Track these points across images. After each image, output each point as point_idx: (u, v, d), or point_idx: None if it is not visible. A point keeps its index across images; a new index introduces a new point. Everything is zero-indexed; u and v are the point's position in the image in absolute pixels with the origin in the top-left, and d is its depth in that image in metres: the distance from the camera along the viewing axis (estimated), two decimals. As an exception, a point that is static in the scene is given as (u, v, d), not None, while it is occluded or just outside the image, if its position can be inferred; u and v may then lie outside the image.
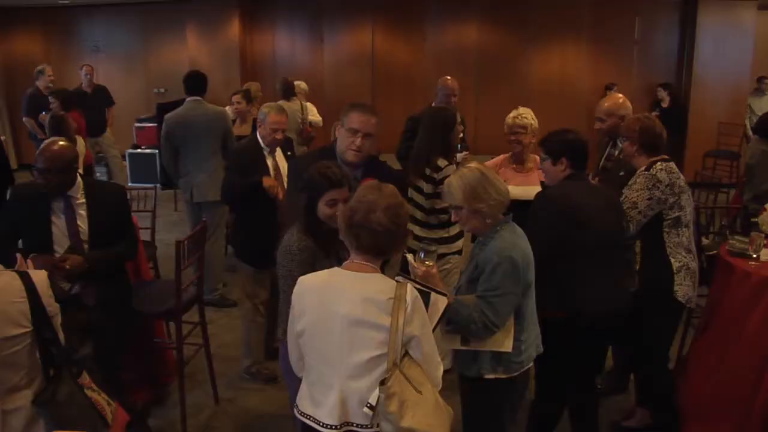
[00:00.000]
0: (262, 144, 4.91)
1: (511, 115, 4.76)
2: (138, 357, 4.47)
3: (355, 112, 3.71)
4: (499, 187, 3.04)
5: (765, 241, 4.29)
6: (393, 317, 2.40)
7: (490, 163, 4.77)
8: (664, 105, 11.61)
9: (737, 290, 4.09)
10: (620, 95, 4.76)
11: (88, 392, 2.84)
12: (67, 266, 3.59)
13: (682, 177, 3.98)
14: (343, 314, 2.45)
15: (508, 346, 3.04)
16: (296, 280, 2.64)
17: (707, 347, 4.34)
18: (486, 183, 3.01)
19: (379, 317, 2.42)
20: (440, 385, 2.60)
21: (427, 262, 3.03)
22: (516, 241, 3.04)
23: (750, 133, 10.26)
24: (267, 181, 4.65)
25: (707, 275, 4.54)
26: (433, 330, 2.70)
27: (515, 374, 3.12)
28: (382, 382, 2.40)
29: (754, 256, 4.21)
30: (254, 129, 6.06)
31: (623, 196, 3.87)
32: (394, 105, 10.32)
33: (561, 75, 11.94)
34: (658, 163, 3.92)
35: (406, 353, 2.47)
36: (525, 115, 4.74)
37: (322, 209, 3.05)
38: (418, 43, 11.99)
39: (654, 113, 11.37)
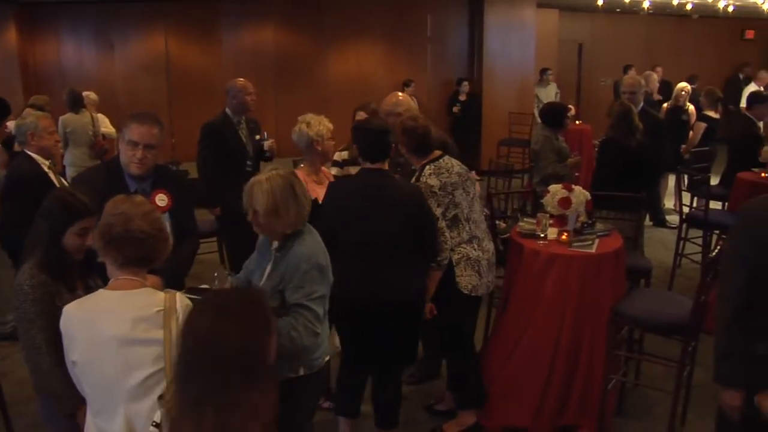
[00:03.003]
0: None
1: (314, 121, 4.41)
2: None
3: (135, 123, 3.50)
4: (303, 206, 2.95)
5: (551, 221, 4.55)
6: (165, 329, 2.30)
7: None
8: (462, 98, 12.16)
9: (529, 269, 4.31)
10: (399, 93, 4.89)
11: None
12: None
13: (455, 169, 4.04)
14: (112, 336, 2.30)
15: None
16: (33, 322, 2.49)
17: (507, 326, 4.55)
18: (291, 199, 2.90)
19: (150, 332, 2.30)
20: None
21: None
22: (319, 244, 3.01)
23: (538, 120, 10.91)
24: None
25: (504, 257, 4.74)
26: None
27: (316, 370, 3.10)
28: (161, 397, 2.26)
29: (542, 235, 4.46)
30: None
31: None
32: (192, 111, 10.00)
33: (359, 74, 12.14)
34: (427, 167, 3.98)
35: None
36: (326, 121, 4.49)
37: (71, 240, 2.76)
38: (215, 46, 11.72)
39: (455, 107, 11.90)
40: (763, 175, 6.75)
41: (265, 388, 1.73)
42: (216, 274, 2.90)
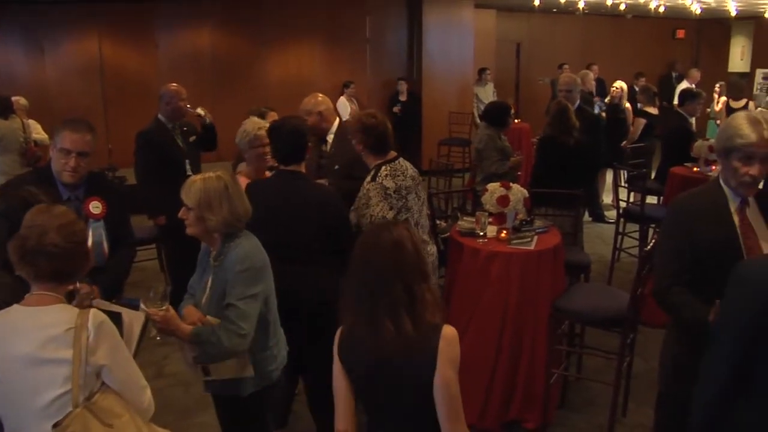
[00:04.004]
0: None
1: (253, 127, 4.31)
2: None
3: (67, 131, 3.42)
4: (236, 207, 2.90)
5: (490, 219, 4.58)
6: (74, 348, 2.21)
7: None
8: (403, 98, 12.20)
9: (470, 267, 4.33)
10: (318, 94, 4.86)
11: None
12: None
13: (409, 172, 4.03)
14: (20, 355, 2.22)
15: (250, 370, 2.97)
16: None
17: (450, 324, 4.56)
18: (224, 198, 2.86)
19: (59, 351, 2.22)
20: (151, 409, 2.46)
21: (163, 307, 2.79)
22: (256, 248, 2.97)
23: (478, 120, 11.01)
24: None
25: (445, 257, 4.76)
26: (134, 353, 2.58)
27: (274, 381, 3.08)
28: (56, 425, 2.20)
29: (481, 233, 4.49)
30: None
31: (368, 217, 3.83)
32: (129, 115, 9.78)
33: (299, 76, 12.06)
34: (383, 167, 3.95)
35: (104, 384, 2.30)
36: (266, 125, 4.33)
37: None
38: (150, 49, 11.47)
39: (396, 107, 11.93)
40: (695, 169, 6.93)
41: (432, 288, 2.29)
42: (151, 294, 2.80)
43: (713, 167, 6.72)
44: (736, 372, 2.13)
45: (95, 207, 3.54)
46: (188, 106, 5.76)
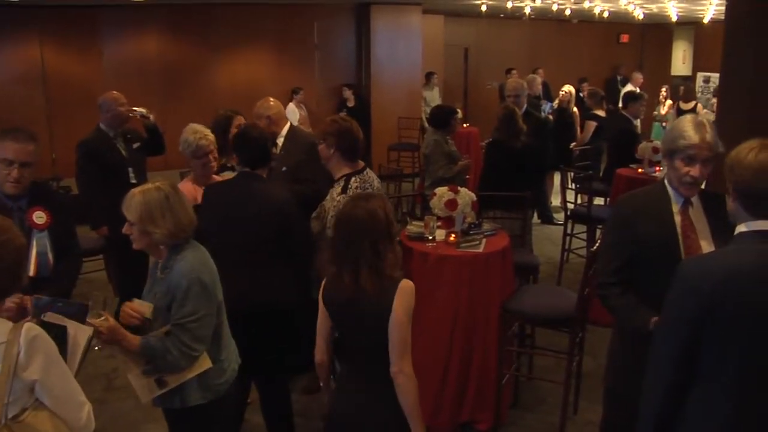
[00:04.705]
0: None
1: (195, 136, 4.21)
2: None
3: (9, 141, 3.34)
4: (180, 217, 2.84)
5: (438, 223, 4.61)
6: (3, 364, 2.13)
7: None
8: (350, 104, 12.20)
9: (419, 271, 4.34)
10: (270, 98, 4.89)
11: None
12: None
13: (375, 184, 4.02)
14: None
15: (207, 363, 2.91)
16: None
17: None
18: (167, 209, 2.80)
19: None
20: (90, 426, 2.37)
21: (102, 317, 2.71)
22: (202, 260, 2.92)
23: (426, 124, 11.07)
24: None
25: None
26: (79, 367, 2.50)
27: (222, 395, 3.02)
28: None
29: (430, 237, 4.51)
30: None
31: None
32: (73, 124, 9.55)
33: (248, 82, 11.98)
34: (353, 178, 3.91)
35: (37, 400, 2.22)
36: (207, 133, 4.30)
37: None
38: (95, 56, 11.28)
39: (342, 113, 11.92)
40: (639, 170, 7.07)
41: (395, 248, 2.77)
42: (90, 303, 2.73)
43: (657, 168, 6.87)
44: (681, 369, 2.17)
45: (39, 217, 3.48)
46: (130, 108, 5.64)
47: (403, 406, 2.69)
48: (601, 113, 9.12)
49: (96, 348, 2.77)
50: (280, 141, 4.89)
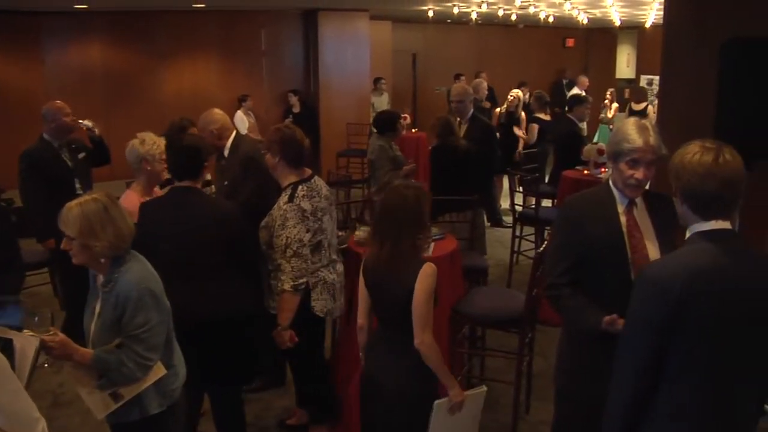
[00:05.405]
0: None
1: (141, 147, 4.15)
2: None
3: None
4: (121, 229, 2.78)
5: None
6: None
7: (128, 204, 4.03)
8: (296, 110, 12.17)
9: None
10: (215, 110, 4.82)
11: None
12: None
13: (323, 192, 3.99)
14: None
15: (162, 370, 2.87)
16: None
17: (353, 336, 4.56)
18: (106, 221, 2.74)
19: None
20: None
21: (51, 332, 2.65)
22: (148, 269, 2.88)
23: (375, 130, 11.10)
24: None
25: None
26: (28, 380, 2.46)
27: (176, 400, 2.99)
28: None
29: (378, 243, 4.50)
30: None
31: (283, 238, 3.74)
32: (14, 135, 9.31)
33: (194, 90, 11.88)
34: (300, 187, 3.85)
35: None
36: (157, 141, 4.24)
37: None
38: (36, 65, 11.06)
39: (288, 119, 11.89)
40: (585, 172, 7.19)
41: (424, 234, 3.15)
42: (36, 319, 2.67)
43: (602, 170, 6.98)
44: (649, 374, 2.20)
45: (-24, 231, 3.40)
46: (75, 120, 5.55)
47: (431, 368, 3.08)
48: (545, 117, 9.28)
49: (45, 365, 2.71)
50: (227, 153, 4.79)
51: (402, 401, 3.11)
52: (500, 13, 12.76)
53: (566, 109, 8.68)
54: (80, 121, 5.59)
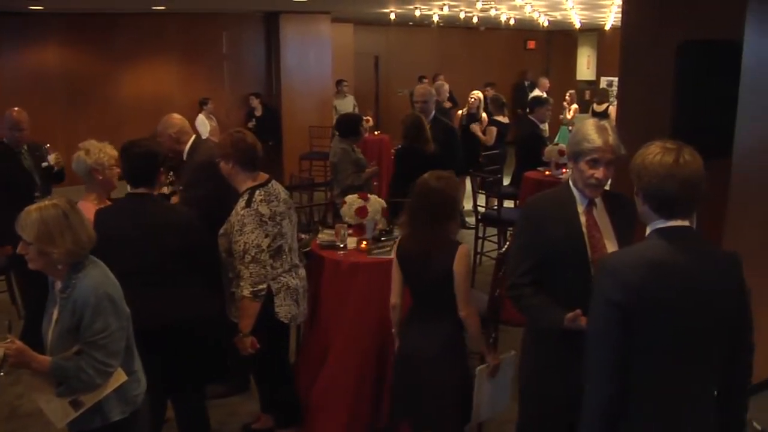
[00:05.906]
0: None
1: (91, 157, 3.95)
2: None
3: None
4: (79, 236, 2.73)
5: (350, 231, 4.61)
6: None
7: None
8: (258, 114, 12.11)
9: (332, 280, 4.33)
10: (174, 115, 4.73)
11: None
12: None
13: (282, 196, 3.95)
14: None
15: (122, 376, 2.81)
16: None
17: (316, 340, 4.55)
18: (65, 227, 2.69)
19: None
20: None
21: (8, 340, 2.59)
22: (106, 275, 2.82)
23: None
24: None
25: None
26: None
27: (139, 406, 2.94)
28: None
29: (341, 245, 4.50)
30: None
31: (241, 244, 3.70)
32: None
33: (154, 93, 11.75)
34: (257, 192, 3.81)
35: None
36: (102, 148, 4.04)
37: None
38: (-9, 70, 10.89)
39: (250, 123, 11.83)
40: (546, 173, 7.25)
41: (455, 224, 3.52)
42: None
43: (564, 171, 7.05)
44: (619, 370, 2.20)
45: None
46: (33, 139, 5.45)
47: (470, 334, 3.44)
48: (502, 119, 9.36)
49: (1, 374, 2.66)
50: (185, 158, 4.71)
51: (442, 365, 3.40)
52: (462, 15, 12.83)
53: (527, 110, 8.74)
54: (43, 163, 5.53)
